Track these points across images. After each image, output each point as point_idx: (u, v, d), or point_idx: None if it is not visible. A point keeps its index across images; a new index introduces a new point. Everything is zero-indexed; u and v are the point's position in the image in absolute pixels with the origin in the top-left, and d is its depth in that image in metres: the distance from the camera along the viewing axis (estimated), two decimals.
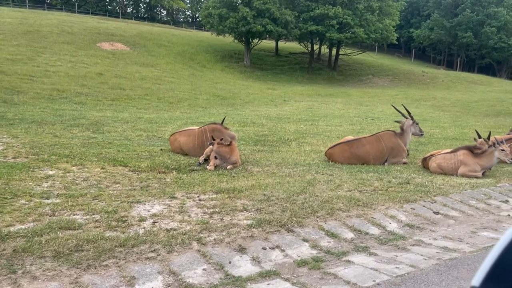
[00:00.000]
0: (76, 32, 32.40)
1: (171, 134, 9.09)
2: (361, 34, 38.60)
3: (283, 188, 5.44)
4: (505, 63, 56.25)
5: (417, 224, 4.61)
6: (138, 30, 37.79)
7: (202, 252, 3.35)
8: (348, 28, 38.35)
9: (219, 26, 35.85)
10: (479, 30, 50.77)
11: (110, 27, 36.21)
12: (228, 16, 35.12)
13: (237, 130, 13.62)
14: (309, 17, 37.95)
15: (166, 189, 5.39)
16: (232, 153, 7.27)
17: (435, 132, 16.13)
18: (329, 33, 37.81)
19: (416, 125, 9.00)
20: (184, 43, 37.98)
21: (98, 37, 32.98)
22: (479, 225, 4.68)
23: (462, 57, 54.60)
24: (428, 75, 45.03)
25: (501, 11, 50.07)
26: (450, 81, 43.82)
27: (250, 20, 34.94)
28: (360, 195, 5.31)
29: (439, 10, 53.30)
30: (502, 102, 30.12)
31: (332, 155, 8.51)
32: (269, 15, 35.74)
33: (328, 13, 37.26)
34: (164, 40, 36.92)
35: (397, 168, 7.86)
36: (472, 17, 50.45)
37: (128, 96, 22.45)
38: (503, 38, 50.42)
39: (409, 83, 42.64)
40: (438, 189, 5.85)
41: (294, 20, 37.10)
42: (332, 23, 37.52)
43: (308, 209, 4.53)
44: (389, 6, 41.34)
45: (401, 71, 45.94)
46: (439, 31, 52.09)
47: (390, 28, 41.33)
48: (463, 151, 7.29)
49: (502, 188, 6.25)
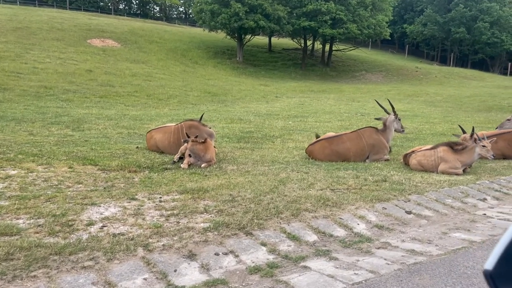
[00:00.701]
0: (66, 29, 31.95)
1: (147, 131, 8.82)
2: (354, 29, 38.32)
3: (252, 187, 5.20)
4: (498, 58, 56.13)
5: (386, 224, 4.38)
6: (130, 27, 37.34)
7: (146, 260, 3.11)
8: (341, 24, 38.04)
9: (211, 22, 35.47)
10: (472, 25, 50.57)
11: (101, 24, 35.75)
12: (220, 12, 34.73)
13: (223, 127, 13.39)
14: (301, 12, 37.62)
15: (130, 189, 5.14)
16: (206, 151, 7.02)
17: (424, 127, 15.95)
18: (322, 29, 37.51)
19: (399, 121, 8.77)
20: (176, 40, 37.58)
21: (89, 34, 32.55)
22: (452, 225, 4.45)
23: (455, 52, 54.41)
24: (421, 71, 44.85)
25: (494, 6, 49.86)
26: (443, 76, 43.67)
27: (242, 16, 34.57)
28: (332, 194, 5.08)
29: (432, 5, 53.04)
30: (494, 98, 30.02)
31: (312, 152, 8.28)
32: (261, 11, 35.39)
33: (320, 9, 36.94)
34: (155, 36, 36.51)
35: (377, 165, 7.63)
36: (465, 13, 50.23)
37: (117, 93, 22.13)
38: (496, 33, 50.25)
39: (402, 79, 42.46)
40: (414, 187, 5.63)
41: (286, 16, 36.75)
42: (325, 19, 37.22)
43: (272, 210, 4.29)
44: (382, 1, 41.05)
45: (395, 66, 45.72)
46: (432, 27, 51.85)
47: (383, 23, 41.07)
48: (443, 147, 7.07)
49: (481, 185, 6.03)
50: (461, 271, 3.24)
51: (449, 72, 45.88)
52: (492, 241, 3.94)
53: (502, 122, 10.90)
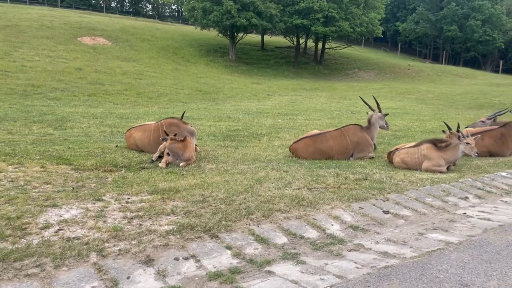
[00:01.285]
0: (56, 27, 31.52)
1: (127, 129, 8.59)
2: (347, 27, 38.14)
3: (226, 187, 5.00)
4: (490, 56, 56.23)
5: (362, 225, 4.20)
6: (121, 25, 36.93)
7: (98, 266, 2.90)
8: (333, 22, 37.85)
9: (203, 20, 35.14)
10: (464, 23, 50.57)
11: (92, 22, 35.33)
12: (212, 9, 34.41)
13: (210, 125, 13.17)
14: (294, 10, 37.37)
15: (100, 190, 4.92)
16: (185, 150, 6.81)
17: (413, 125, 15.84)
18: (314, 26, 37.29)
19: (384, 118, 8.59)
20: (168, 38, 37.23)
21: (79, 32, 32.14)
22: (430, 225, 4.28)
23: (447, 50, 54.44)
24: (413, 69, 44.82)
25: (485, 4, 49.87)
26: (435, 74, 43.68)
27: (234, 13, 34.27)
28: (308, 193, 4.89)
29: (425, 3, 52.98)
30: (485, 95, 30.04)
31: (296, 150, 8.09)
32: (253, 9, 35.10)
33: (313, 7, 36.72)
34: (147, 34, 36.14)
35: (361, 163, 7.46)
36: (457, 10, 50.21)
37: (107, 91, 21.83)
38: (488, 31, 50.29)
39: (395, 77, 42.39)
40: (394, 186, 5.45)
41: (279, 14, 36.49)
42: (317, 17, 37.00)
43: (243, 211, 4.10)
44: None
45: (387, 64, 45.64)
46: (425, 25, 51.79)
47: (375, 21, 40.92)
48: (426, 145, 6.90)
49: (464, 183, 5.87)
50: (433, 275, 3.06)
51: (441, 70, 45.89)
52: (469, 242, 3.78)
53: (474, 122, 10.71)
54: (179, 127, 7.73)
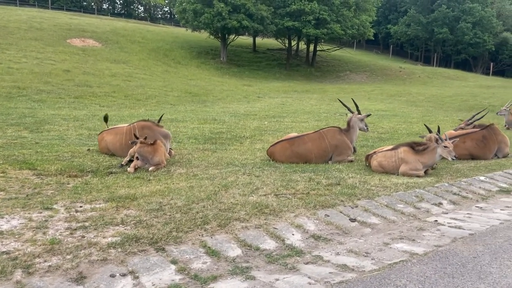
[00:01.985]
0: (45, 28, 31.12)
1: (99, 132, 8.31)
2: (338, 30, 38.05)
3: (189, 194, 4.74)
4: (480, 59, 56.39)
5: (325, 234, 3.95)
6: (112, 26, 36.58)
7: (21, 285, 2.63)
8: (324, 24, 37.73)
9: (194, 22, 34.89)
10: (455, 26, 50.68)
11: (82, 23, 34.94)
12: (203, 11, 34.17)
13: (194, 128, 12.89)
14: (285, 12, 37.22)
15: (55, 197, 4.64)
16: (155, 154, 6.54)
17: (400, 127, 15.68)
18: (305, 29, 37.15)
19: (363, 120, 8.38)
20: (159, 39, 36.92)
21: (69, 33, 31.76)
22: (397, 234, 4.04)
23: (438, 52, 54.52)
24: (405, 71, 44.81)
25: (476, 7, 50.02)
26: (427, 76, 43.69)
27: (225, 15, 34.05)
28: (274, 200, 4.64)
29: (416, 6, 53.04)
30: (475, 97, 30.04)
31: (273, 153, 7.84)
32: (244, 11, 34.90)
33: (304, 9, 36.58)
34: (138, 36, 35.80)
35: (338, 167, 7.22)
36: (448, 13, 50.30)
37: (94, 93, 21.48)
38: (478, 33, 50.42)
39: (386, 79, 42.35)
40: (366, 191, 5.22)
41: (270, 16, 36.32)
42: (308, 19, 36.87)
43: (198, 220, 3.84)
44: (366, 1, 40.85)
45: (379, 67, 45.61)
46: (416, 27, 51.86)
47: (366, 24, 40.88)
48: (403, 148, 6.68)
49: (440, 188, 5.65)
50: None
51: (432, 72, 45.93)
52: (435, 253, 3.54)
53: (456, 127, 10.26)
54: (152, 130, 7.46)
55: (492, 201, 5.31)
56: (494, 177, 6.40)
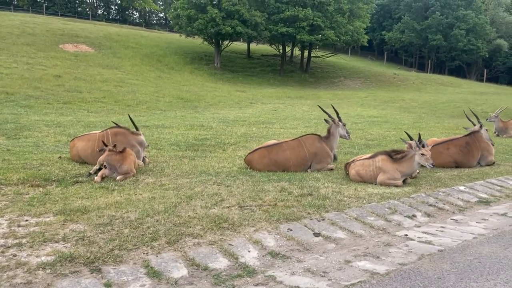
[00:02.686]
0: (38, 33, 30.89)
1: (71, 139, 8.03)
2: (332, 36, 37.98)
3: (147, 206, 4.47)
4: (474, 65, 56.46)
5: (284, 251, 3.68)
6: (106, 32, 36.38)
7: None
8: (318, 30, 37.67)
9: (188, 28, 34.76)
10: (449, 32, 50.76)
11: (75, 29, 34.74)
12: (197, 17, 34.05)
13: (178, 134, 12.62)
14: (279, 18, 37.14)
15: (6, 209, 4.37)
16: (123, 162, 6.26)
17: (390, 134, 15.47)
18: (299, 35, 37.07)
19: (344, 127, 8.14)
20: (153, 45, 36.73)
21: (62, 39, 31.53)
22: (362, 250, 3.78)
23: (432, 59, 54.56)
24: (399, 77, 44.74)
25: (469, 13, 50.13)
26: (421, 82, 43.63)
27: (219, 21, 33.93)
28: (236, 213, 4.37)
29: (410, 13, 53.14)
30: (468, 104, 29.91)
31: (251, 161, 7.58)
32: (238, 17, 34.80)
33: (298, 15, 36.51)
34: (131, 41, 35.61)
35: (316, 175, 6.97)
36: (442, 20, 50.39)
37: (83, 99, 21.20)
38: (472, 40, 50.49)
39: (380, 85, 42.26)
40: (337, 203, 4.95)
41: (264, 22, 36.23)
42: (302, 25, 36.80)
43: (147, 237, 3.57)
44: (360, 8, 40.84)
45: (373, 73, 45.53)
46: (410, 34, 51.92)
47: (360, 30, 40.84)
48: (381, 156, 6.43)
49: (416, 199, 5.39)
50: None
51: (426, 78, 45.89)
52: (397, 272, 3.27)
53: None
54: (125, 137, 7.20)
55: (470, 213, 5.06)
56: (475, 187, 6.16)
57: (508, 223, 4.62)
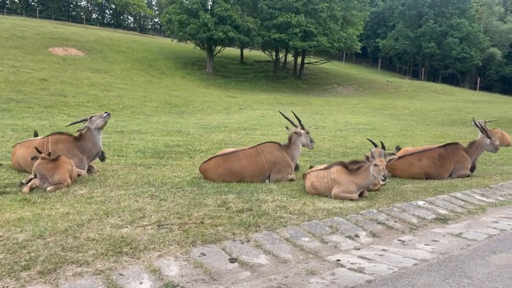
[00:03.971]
0: (27, 37, 30.45)
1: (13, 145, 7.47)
2: (325, 42, 37.55)
3: (49, 224, 3.91)
4: (468, 73, 56.04)
5: (185, 282, 3.12)
6: (97, 36, 35.95)
7: None
8: (311, 37, 37.24)
9: (180, 33, 34.35)
10: (442, 40, 50.39)
11: (66, 32, 34.31)
12: (189, 22, 33.64)
13: (150, 140, 12.06)
14: (272, 24, 36.74)
15: None
16: (55, 171, 5.71)
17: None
18: (292, 41, 36.65)
19: (307, 135, 7.58)
20: (145, 50, 36.30)
21: (51, 42, 31.09)
22: (278, 281, 3.22)
23: (426, 67, 54.16)
24: (392, 84, 44.34)
25: (463, 22, 49.79)
26: (414, 90, 43.22)
27: (211, 26, 33.53)
28: (149, 233, 3.82)
29: (404, 20, 52.79)
30: (459, 112, 29.51)
31: (206, 171, 7.01)
32: (231, 22, 34.41)
33: (291, 21, 36.11)
34: (123, 46, 35.17)
35: (270, 187, 6.41)
36: (435, 28, 50.03)
37: (66, 103, 20.67)
38: (465, 48, 50.11)
39: (373, 92, 41.84)
40: (273, 220, 4.40)
41: (256, 28, 35.82)
42: (295, 31, 36.38)
43: (20, 264, 3.01)
44: (353, 15, 40.46)
45: (366, 80, 45.10)
46: (404, 41, 51.54)
47: (353, 37, 40.43)
48: (336, 167, 5.87)
49: (365, 216, 4.83)
50: None
51: (419, 86, 45.48)
52: None
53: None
54: (66, 145, 6.64)
55: (421, 233, 4.50)
56: (436, 202, 5.59)
57: (459, 246, 4.06)
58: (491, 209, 5.46)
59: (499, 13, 55.94)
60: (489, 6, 55.45)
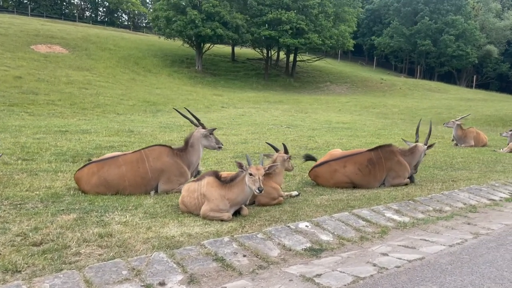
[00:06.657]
0: (10, 34, 29.30)
1: None
2: (316, 40, 35.86)
3: None
4: (464, 71, 53.76)
5: None
6: (84, 33, 34.69)
7: None
8: (302, 34, 35.58)
9: (166, 30, 32.96)
10: (438, 38, 48.24)
11: (52, 29, 33.10)
12: (176, 19, 32.25)
13: (88, 141, 10.60)
14: (261, 21, 35.17)
15: None
16: None
17: (340, 141, 13.49)
18: (282, 38, 35.05)
19: (211, 135, 6.10)
20: (132, 47, 34.98)
21: (35, 39, 29.92)
22: None
23: (422, 65, 52.04)
24: (386, 83, 42.53)
25: (459, 19, 47.56)
26: (408, 88, 41.42)
27: (198, 23, 32.05)
28: None
29: (399, 18, 50.66)
30: (450, 110, 27.88)
31: (79, 180, 5.52)
32: (219, 19, 32.88)
33: (281, 18, 34.50)
34: (110, 43, 33.89)
35: (145, 201, 4.97)
36: (431, 25, 47.89)
37: (35, 101, 19.39)
38: (461, 46, 47.91)
39: (366, 91, 40.11)
40: (55, 260, 2.95)
41: (245, 24, 34.26)
42: (285, 28, 34.76)
43: None
44: (345, 12, 38.65)
45: (360, 78, 43.30)
46: (399, 39, 49.47)
47: (346, 34, 38.63)
48: (208, 178, 4.38)
49: (204, 248, 3.35)
50: None
51: (414, 84, 43.63)
52: None
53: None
54: None
55: (266, 274, 2.98)
56: (325, 222, 4.03)
57: None
58: (395, 233, 3.95)
59: (496, 9, 53.46)
60: (485, 3, 53.04)
